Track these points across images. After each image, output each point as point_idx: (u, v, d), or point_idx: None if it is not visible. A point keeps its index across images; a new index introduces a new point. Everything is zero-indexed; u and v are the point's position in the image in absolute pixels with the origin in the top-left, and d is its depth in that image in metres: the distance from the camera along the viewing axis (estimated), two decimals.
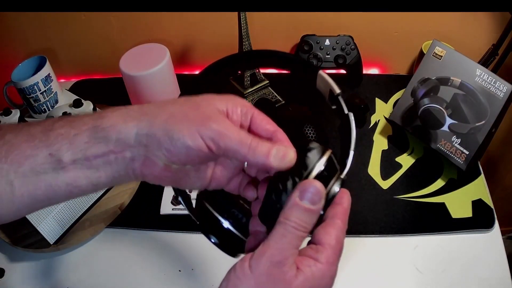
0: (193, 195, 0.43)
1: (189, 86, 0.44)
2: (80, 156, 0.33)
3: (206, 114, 0.32)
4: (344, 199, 0.35)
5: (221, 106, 0.34)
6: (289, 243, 0.31)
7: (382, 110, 0.89)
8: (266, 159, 0.32)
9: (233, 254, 0.40)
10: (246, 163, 0.38)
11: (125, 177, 0.34)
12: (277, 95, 0.91)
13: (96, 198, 0.73)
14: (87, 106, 0.81)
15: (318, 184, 0.32)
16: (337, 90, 0.39)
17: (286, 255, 0.31)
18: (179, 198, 0.42)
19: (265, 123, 0.35)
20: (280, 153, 0.32)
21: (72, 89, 1.00)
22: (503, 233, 0.72)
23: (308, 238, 0.33)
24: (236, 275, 0.31)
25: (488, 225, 0.69)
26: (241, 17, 0.79)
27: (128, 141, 0.33)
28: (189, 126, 0.31)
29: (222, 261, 0.36)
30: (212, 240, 0.40)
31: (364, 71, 0.95)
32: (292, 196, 0.32)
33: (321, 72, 0.41)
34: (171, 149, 0.32)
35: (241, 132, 0.32)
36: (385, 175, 0.77)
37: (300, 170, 0.33)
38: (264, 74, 0.89)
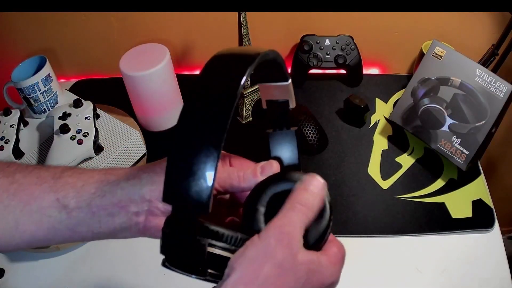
0: None
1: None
2: (85, 205, 0.35)
3: None
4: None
5: None
6: (297, 217, 0.31)
7: (382, 110, 0.89)
8: (255, 177, 0.36)
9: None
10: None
11: (127, 231, 0.36)
12: None
13: None
14: (87, 106, 0.81)
15: (320, 178, 0.34)
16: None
17: (295, 226, 0.31)
18: None
19: (245, 161, 0.39)
20: (264, 166, 0.36)
21: (72, 89, 1.00)
22: (503, 233, 0.72)
23: None
24: (244, 246, 0.31)
25: (488, 225, 0.69)
26: (241, 17, 0.79)
27: (132, 197, 0.35)
28: None
29: None
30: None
31: (364, 71, 0.95)
32: (297, 185, 0.33)
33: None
34: None
35: (226, 168, 0.37)
36: (385, 175, 0.77)
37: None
38: None
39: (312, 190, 0.33)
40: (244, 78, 0.27)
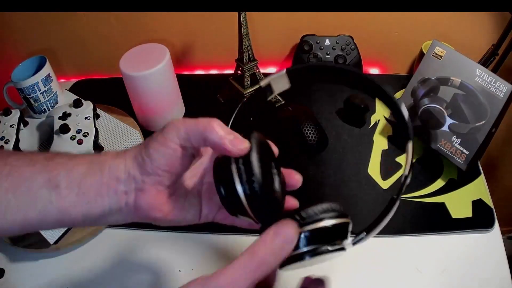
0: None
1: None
2: (75, 184, 0.36)
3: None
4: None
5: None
6: (246, 278, 0.30)
7: (382, 110, 0.89)
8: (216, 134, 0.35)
9: (233, 212, 0.36)
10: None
11: (119, 213, 0.37)
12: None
13: None
14: (87, 106, 0.81)
15: (293, 231, 0.33)
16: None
17: None
18: None
19: None
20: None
21: (72, 89, 1.00)
22: (503, 233, 0.72)
23: None
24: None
25: (488, 225, 0.69)
26: (241, 17, 0.79)
27: (119, 175, 0.36)
28: (156, 137, 0.36)
29: (222, 261, 0.36)
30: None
31: (364, 71, 0.95)
32: (267, 233, 0.32)
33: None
34: (151, 163, 0.35)
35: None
36: (385, 175, 0.77)
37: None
38: (264, 74, 0.89)
39: (278, 249, 0.32)
40: None
